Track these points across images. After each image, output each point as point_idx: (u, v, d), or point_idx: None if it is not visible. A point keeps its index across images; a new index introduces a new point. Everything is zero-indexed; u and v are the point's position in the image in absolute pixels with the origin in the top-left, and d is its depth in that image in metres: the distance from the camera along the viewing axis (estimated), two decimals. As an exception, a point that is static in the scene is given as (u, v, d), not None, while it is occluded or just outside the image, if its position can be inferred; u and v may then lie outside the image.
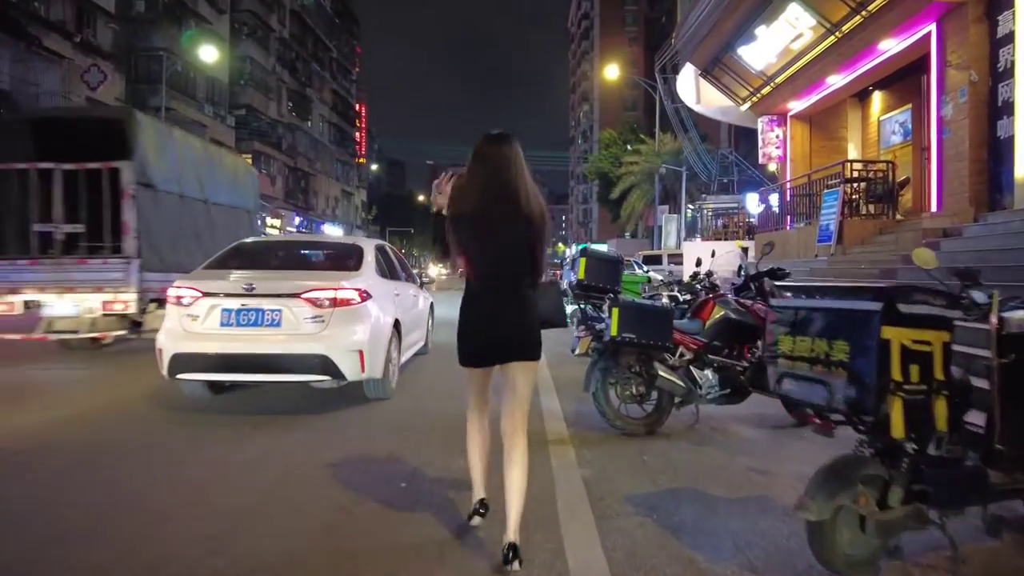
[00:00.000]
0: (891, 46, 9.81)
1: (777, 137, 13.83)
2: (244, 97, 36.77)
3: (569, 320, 10.45)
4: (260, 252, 5.77)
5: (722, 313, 4.45)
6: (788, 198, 13.25)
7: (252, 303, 4.54)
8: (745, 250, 14.35)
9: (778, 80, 12.32)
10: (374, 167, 62.21)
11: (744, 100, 13.88)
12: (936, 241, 7.91)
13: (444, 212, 2.45)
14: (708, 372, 4.36)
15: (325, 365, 4.49)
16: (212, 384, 5.08)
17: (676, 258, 19.49)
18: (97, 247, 7.24)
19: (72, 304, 7.08)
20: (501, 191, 2.36)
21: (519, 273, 2.40)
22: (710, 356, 4.39)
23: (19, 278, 7.10)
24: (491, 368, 2.51)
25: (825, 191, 10.69)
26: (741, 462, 3.75)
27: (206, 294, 4.61)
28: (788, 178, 13.53)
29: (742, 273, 4.83)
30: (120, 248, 7.15)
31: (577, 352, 4.25)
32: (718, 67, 13.56)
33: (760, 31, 11.57)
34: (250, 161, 38.04)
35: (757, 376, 4.10)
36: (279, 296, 4.56)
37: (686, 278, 10.48)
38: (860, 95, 13.38)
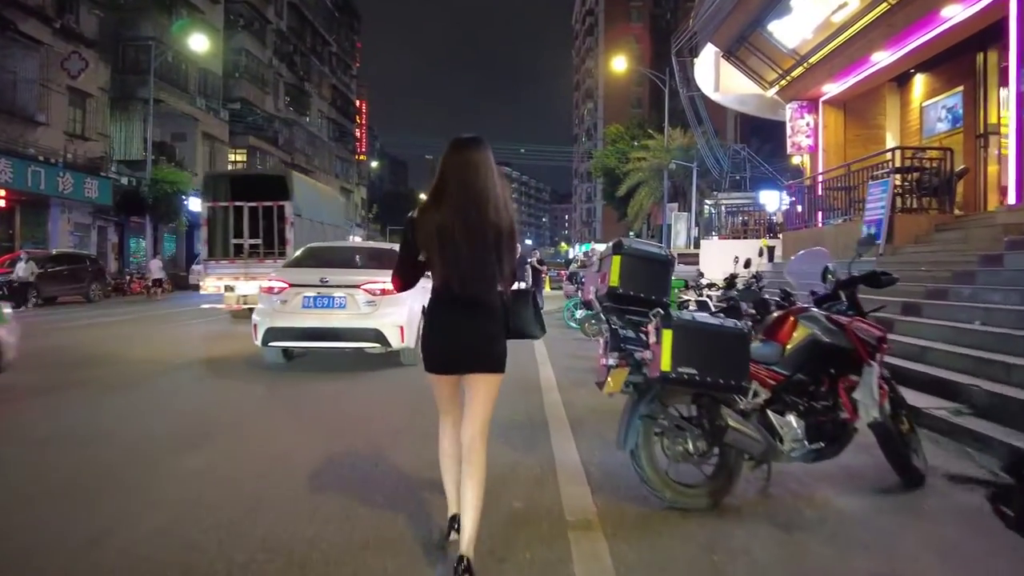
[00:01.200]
0: (955, 13, 8.50)
1: (808, 125, 12.52)
2: (239, 90, 35.56)
3: (584, 332, 8.53)
4: (325, 254, 7.45)
5: (808, 334, 3.19)
6: (819, 192, 11.97)
7: (325, 291, 6.23)
8: (771, 249, 13.07)
9: (813, 60, 11.02)
10: (374, 164, 60.95)
11: (771, 84, 12.58)
12: (1020, 239, 6.63)
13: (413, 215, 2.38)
14: (791, 418, 3.10)
15: (377, 335, 6.19)
16: (286, 352, 6.85)
17: (687, 258, 18.22)
18: (269, 253, 11.77)
19: (255, 286, 10.20)
20: (470, 200, 2.28)
21: (486, 283, 2.32)
22: (793, 396, 3.14)
23: (223, 271, 11.79)
24: (456, 378, 2.40)
25: (870, 182, 9.41)
26: (857, 562, 2.50)
27: (292, 285, 6.28)
28: (820, 170, 12.24)
29: (830, 278, 3.55)
30: (284, 254, 11.21)
31: (607, 390, 2.99)
32: (744, 47, 12.25)
33: (796, 2, 10.28)
34: (244, 156, 37.04)
35: None
36: (345, 287, 6.22)
37: (708, 280, 9.31)
38: (899, 79, 12.08)
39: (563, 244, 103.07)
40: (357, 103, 57.44)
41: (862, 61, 10.44)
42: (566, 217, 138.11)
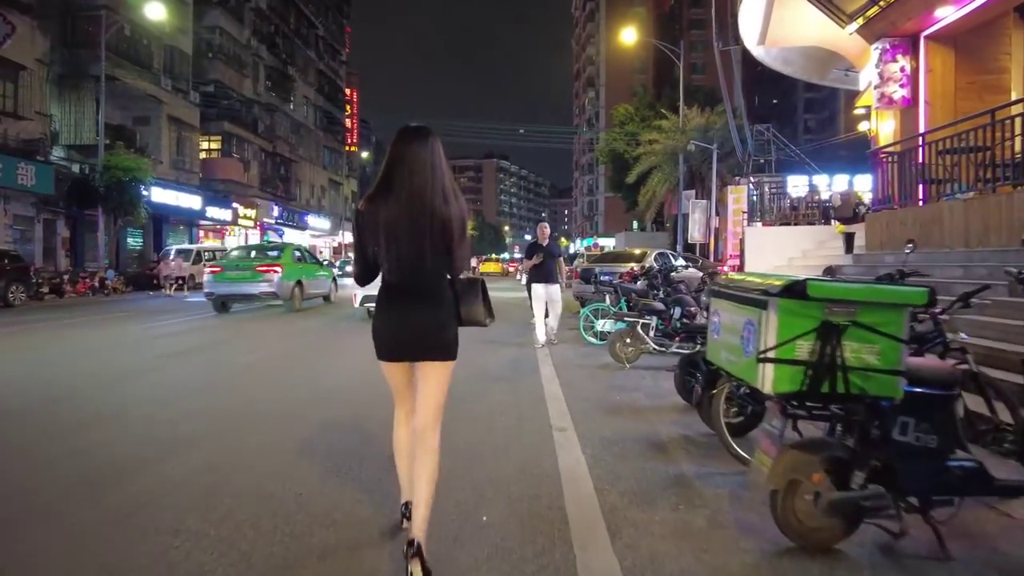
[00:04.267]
0: None
1: (902, 70, 9.48)
2: (213, 72, 32.42)
3: (615, 356, 4.61)
4: None
5: None
6: (920, 160, 8.92)
7: None
8: (850, 236, 9.90)
9: (926, -29, 8.04)
10: (364, 155, 57.80)
11: (853, 17, 9.57)
12: None
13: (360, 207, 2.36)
14: None
15: None
16: (370, 312, 10.90)
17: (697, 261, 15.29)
18: None
19: None
20: (416, 191, 2.26)
21: (434, 273, 2.35)
22: None
23: None
24: (408, 365, 2.43)
25: (1040, 132, 6.38)
26: None
27: None
28: (923, 128, 9.19)
29: None
30: None
31: None
32: (820, -35, 9.26)
33: None
34: (219, 143, 33.89)
35: None
36: None
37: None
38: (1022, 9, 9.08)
39: (563, 239, 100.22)
40: (347, 91, 54.18)
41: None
42: (566, 212, 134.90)
